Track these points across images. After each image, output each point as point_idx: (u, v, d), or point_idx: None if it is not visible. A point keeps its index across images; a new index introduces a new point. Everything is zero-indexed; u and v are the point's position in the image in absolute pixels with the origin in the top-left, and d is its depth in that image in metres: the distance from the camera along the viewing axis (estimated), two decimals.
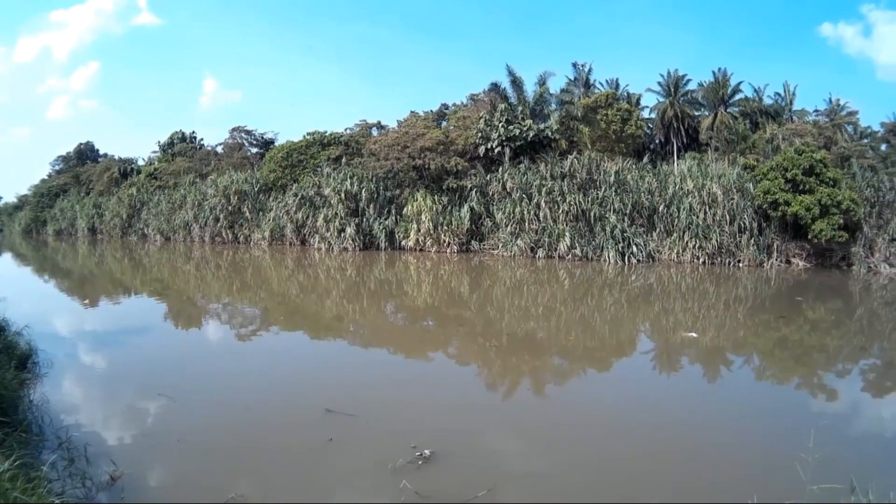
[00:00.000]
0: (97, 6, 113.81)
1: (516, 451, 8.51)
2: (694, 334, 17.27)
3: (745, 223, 28.90)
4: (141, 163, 58.59)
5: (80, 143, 74.74)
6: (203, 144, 53.94)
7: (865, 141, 40.23)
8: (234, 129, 47.15)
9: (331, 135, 38.69)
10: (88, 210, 59.02)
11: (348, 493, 7.05)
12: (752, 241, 28.75)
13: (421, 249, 31.99)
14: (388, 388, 11.19)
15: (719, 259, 28.70)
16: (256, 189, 39.69)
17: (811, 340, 18.16)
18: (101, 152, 73.21)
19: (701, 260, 28.63)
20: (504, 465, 7.89)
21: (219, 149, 49.22)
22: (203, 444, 8.26)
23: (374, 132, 39.99)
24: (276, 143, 44.89)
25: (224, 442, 8.33)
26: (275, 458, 7.82)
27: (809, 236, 28.11)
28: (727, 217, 29.02)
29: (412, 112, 40.97)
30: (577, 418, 10.12)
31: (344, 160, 36.20)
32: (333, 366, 13.00)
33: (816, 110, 47.26)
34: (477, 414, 10.05)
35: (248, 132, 47.33)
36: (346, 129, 40.99)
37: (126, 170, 57.90)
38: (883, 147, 38.94)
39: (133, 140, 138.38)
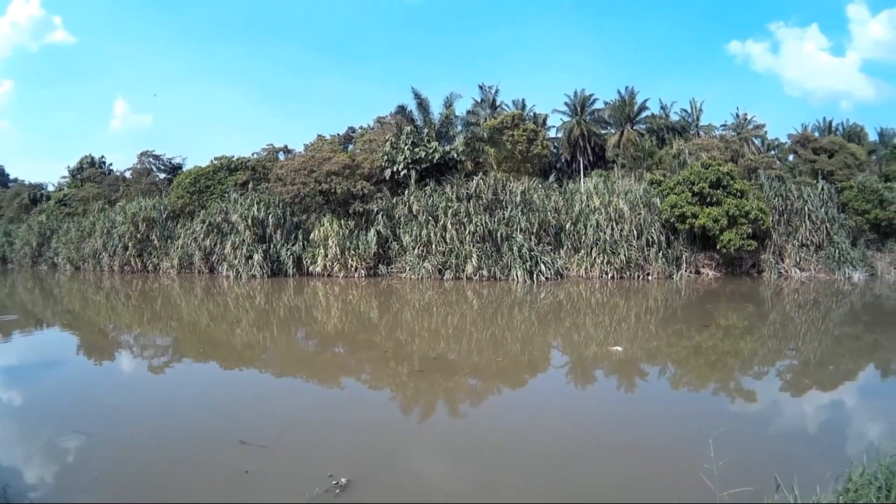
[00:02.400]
0: (12, 19, 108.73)
1: (432, 474, 8.33)
2: (619, 348, 17.12)
3: (652, 237, 29.10)
4: (51, 188, 55.79)
5: None
6: (112, 170, 51.56)
7: (773, 153, 41.31)
8: (142, 154, 45.31)
9: (238, 159, 37.34)
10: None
11: None
12: (661, 253, 28.97)
13: (329, 275, 31.04)
14: (301, 416, 10.90)
15: (628, 273, 28.80)
16: (164, 216, 38.02)
17: (725, 346, 18.14)
18: (11, 177, 69.72)
19: (610, 275, 28.66)
20: (421, 488, 7.76)
21: (127, 174, 47.29)
22: (121, 482, 7.93)
23: (281, 156, 38.97)
24: (184, 169, 43.35)
25: (142, 478, 7.99)
26: (193, 493, 7.49)
27: (718, 246, 28.51)
28: (634, 232, 29.17)
29: (319, 136, 40.21)
30: (491, 437, 9.96)
31: (251, 185, 34.99)
32: (246, 396, 12.54)
33: (724, 125, 48.58)
34: (391, 439, 9.78)
35: (157, 157, 45.55)
36: (253, 154, 39.85)
37: (36, 196, 55.05)
38: (790, 158, 40.02)
39: (43, 164, 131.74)
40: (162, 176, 45.68)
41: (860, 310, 24.79)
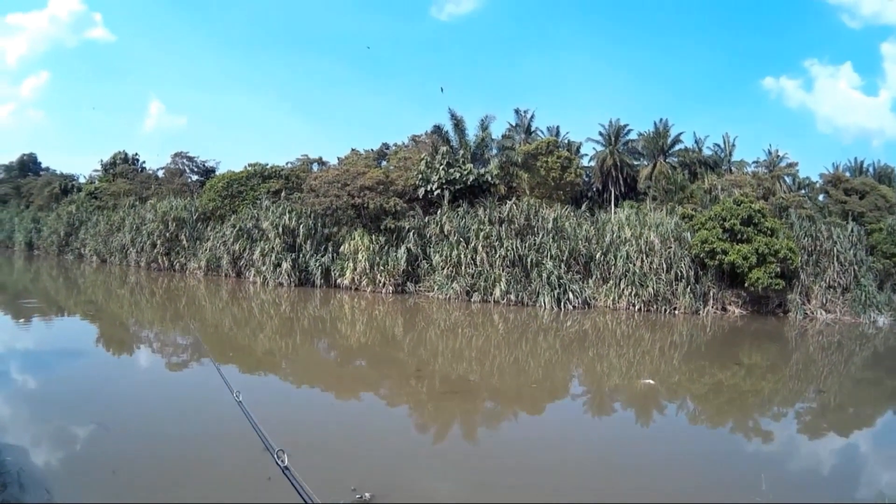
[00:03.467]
0: (53, 13, 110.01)
1: (452, 496, 8.41)
2: (651, 381, 17.14)
3: (681, 271, 28.95)
4: (82, 180, 56.62)
5: (24, 154, 71.81)
6: (145, 167, 52.24)
7: (803, 192, 41.00)
8: (176, 155, 45.87)
9: (272, 167, 37.61)
10: (27, 224, 56.79)
11: None
12: (689, 288, 28.80)
13: (356, 288, 31.14)
14: (322, 427, 11.02)
15: (655, 306, 28.65)
16: (195, 217, 38.35)
17: (747, 385, 18.23)
18: (43, 165, 70.64)
19: (637, 307, 28.54)
20: None
21: (160, 173, 47.80)
22: (137, 479, 7.99)
23: (315, 168, 39.29)
24: (217, 172, 43.68)
25: (159, 477, 8.11)
26: (215, 495, 7.61)
27: (746, 284, 28.30)
28: (664, 265, 29.03)
29: (353, 150, 40.44)
30: (511, 461, 10.13)
31: (283, 194, 35.22)
32: (266, 402, 12.53)
33: (756, 161, 48.19)
34: (412, 457, 9.97)
35: (190, 158, 46.04)
36: (287, 163, 40.24)
37: (67, 186, 55.86)
38: (821, 197, 39.75)
39: (75, 156, 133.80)
40: (194, 178, 46.14)
41: (883, 354, 24.66)
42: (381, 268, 30.45)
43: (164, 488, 7.90)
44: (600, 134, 48.69)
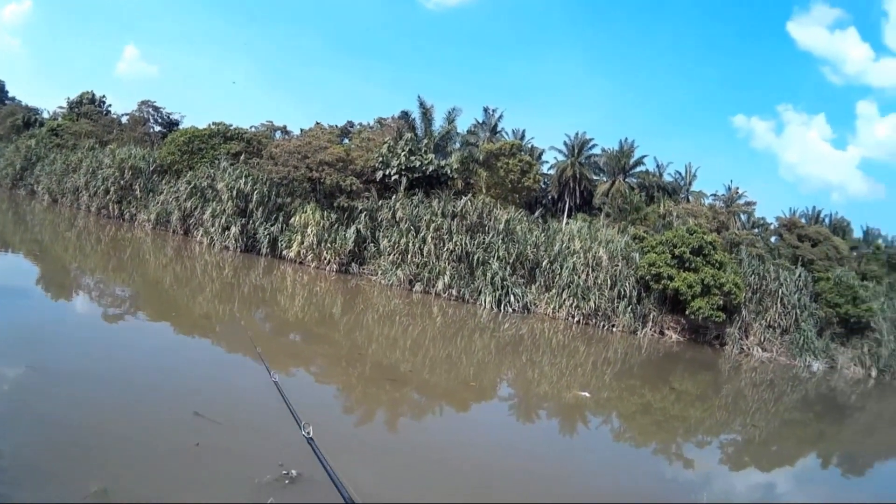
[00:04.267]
0: None
1: (379, 480, 8.32)
2: (587, 394, 17.14)
3: (625, 290, 29.13)
4: (46, 116, 54.91)
5: None
6: (110, 111, 51.03)
7: (757, 231, 41.78)
8: (142, 103, 44.68)
9: (235, 129, 36.69)
10: None
11: (210, 501, 6.77)
12: (630, 308, 28.99)
13: (301, 262, 30.62)
14: (253, 398, 10.68)
15: (594, 321, 28.78)
16: (151, 168, 37.21)
17: (675, 410, 18.39)
18: (10, 94, 68.12)
19: (576, 319, 28.62)
20: (367, 495, 7.62)
21: (124, 119, 46.60)
22: (66, 433, 7.73)
23: (278, 135, 38.68)
24: (181, 126, 42.82)
25: (87, 432, 7.83)
26: (142, 456, 7.37)
27: (687, 311, 28.57)
28: (608, 282, 29.18)
29: (318, 123, 39.88)
30: (434, 454, 10.16)
31: (243, 157, 34.41)
32: (199, 366, 12.50)
33: (714, 194, 49.17)
34: (337, 438, 9.63)
35: (156, 109, 44.90)
36: (251, 127, 39.38)
37: (30, 119, 53.91)
38: (773, 239, 40.44)
39: (44, 90, 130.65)
40: (157, 129, 45.05)
41: (813, 398, 25.16)
42: (329, 245, 30.03)
43: (89, 447, 7.60)
44: (564, 144, 49.20)
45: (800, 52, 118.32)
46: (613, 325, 28.92)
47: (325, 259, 30.17)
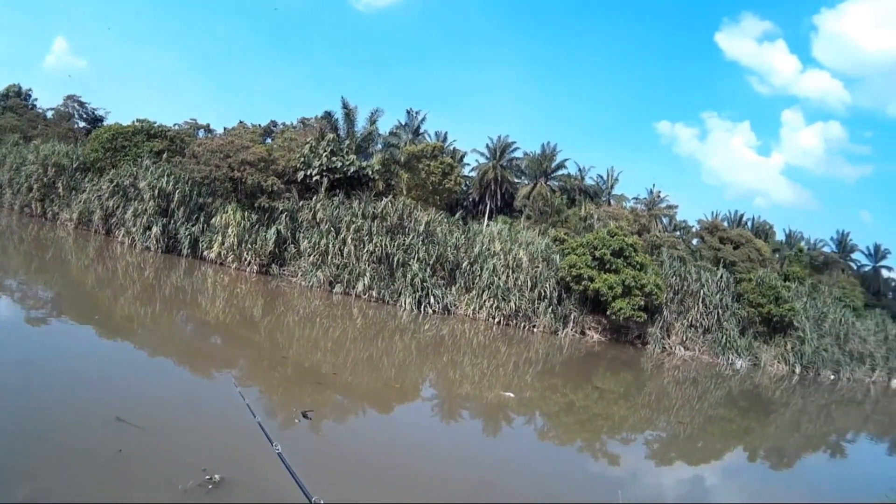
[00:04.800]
0: None
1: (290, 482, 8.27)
2: (511, 394, 17.34)
3: (545, 291, 29.59)
4: None
5: None
6: (36, 105, 49.75)
7: (679, 233, 42.81)
8: (68, 97, 43.60)
9: (159, 126, 35.94)
10: None
11: None
12: (551, 308, 29.47)
13: (221, 263, 30.25)
14: (175, 402, 10.66)
15: (515, 321, 29.17)
16: (75, 166, 36.43)
17: (598, 408, 18.75)
18: None
19: (497, 320, 28.96)
20: (290, 497, 7.72)
21: (49, 114, 45.47)
22: None
23: (201, 134, 38.21)
24: (105, 123, 41.89)
25: (7, 438, 7.71)
26: (65, 462, 7.19)
27: (608, 312, 29.14)
28: (529, 283, 29.60)
29: (241, 122, 39.40)
30: (356, 456, 10.19)
31: (166, 156, 33.80)
32: (121, 370, 12.26)
33: (636, 198, 50.08)
34: (261, 442, 9.71)
35: (82, 104, 43.85)
36: (174, 125, 38.86)
37: None
38: (695, 241, 41.49)
39: None
40: (82, 124, 43.97)
41: (738, 395, 25.95)
42: (249, 246, 29.78)
43: (9, 452, 7.53)
44: (487, 147, 49.74)
45: (727, 62, 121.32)
46: (534, 326, 29.35)
47: (245, 260, 29.92)
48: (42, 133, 41.57)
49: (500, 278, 29.39)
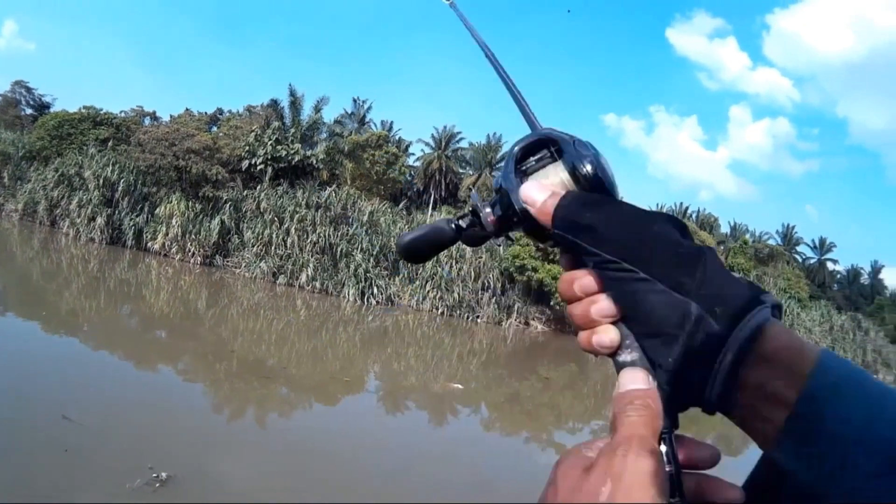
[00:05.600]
0: None
1: (248, 478, 8.24)
2: (459, 386, 17.26)
3: (489, 282, 29.43)
4: None
5: None
6: None
7: None
8: (15, 83, 42.39)
9: (105, 114, 35.18)
10: None
11: None
12: (494, 299, 29.37)
13: (165, 255, 29.84)
14: (120, 399, 10.45)
15: (458, 312, 29.01)
16: (21, 155, 35.91)
17: (544, 398, 18.70)
18: None
19: (440, 310, 28.79)
20: (239, 493, 7.71)
21: None
22: None
23: (147, 122, 37.50)
24: (52, 110, 40.87)
25: None
26: (6, 462, 7.05)
27: (552, 303, 29.07)
28: (472, 273, 29.51)
29: (187, 110, 38.60)
30: (306, 448, 10.11)
31: (111, 144, 33.19)
32: (67, 366, 12.00)
33: None
34: (208, 437, 9.64)
35: (29, 90, 42.76)
36: (121, 112, 37.99)
37: None
38: None
39: None
40: (29, 111, 43.03)
41: None
42: (193, 237, 29.33)
43: None
44: (432, 137, 49.15)
45: (676, 57, 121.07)
46: (478, 317, 29.25)
47: (189, 251, 29.50)
48: None
49: (442, 268, 29.18)
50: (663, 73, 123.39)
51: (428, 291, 28.86)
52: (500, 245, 29.85)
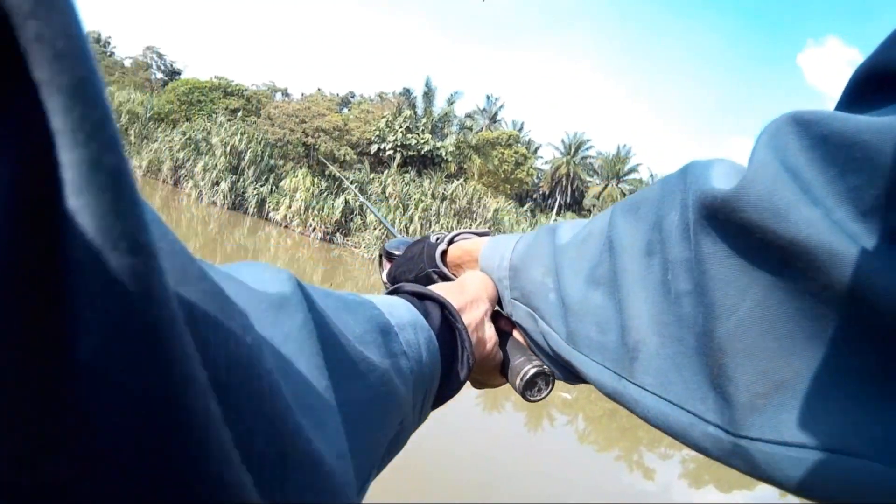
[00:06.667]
0: None
1: None
2: (568, 395, 17.11)
3: None
4: None
5: None
6: (114, 52, 50.42)
7: None
8: (147, 48, 44.05)
9: (236, 85, 36.07)
10: None
11: None
12: None
13: (286, 226, 30.35)
14: None
15: None
16: (148, 115, 37.06)
17: (638, 419, 18.38)
18: None
19: None
20: None
21: (127, 62, 46.07)
22: None
23: (278, 97, 38.30)
24: (182, 76, 42.43)
25: None
26: None
27: None
28: None
29: (319, 90, 39.30)
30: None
31: (240, 115, 34.12)
32: None
33: None
34: None
35: (160, 55, 44.29)
36: (252, 85, 38.93)
37: None
38: None
39: None
40: (159, 76, 44.38)
41: None
42: (316, 212, 29.75)
43: None
44: (562, 142, 48.38)
45: (806, 86, 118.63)
46: None
47: (310, 226, 29.84)
48: (118, 80, 42.05)
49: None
50: (793, 100, 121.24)
51: None
52: None
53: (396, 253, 1.04)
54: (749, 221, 0.35)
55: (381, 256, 1.11)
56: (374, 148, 31.00)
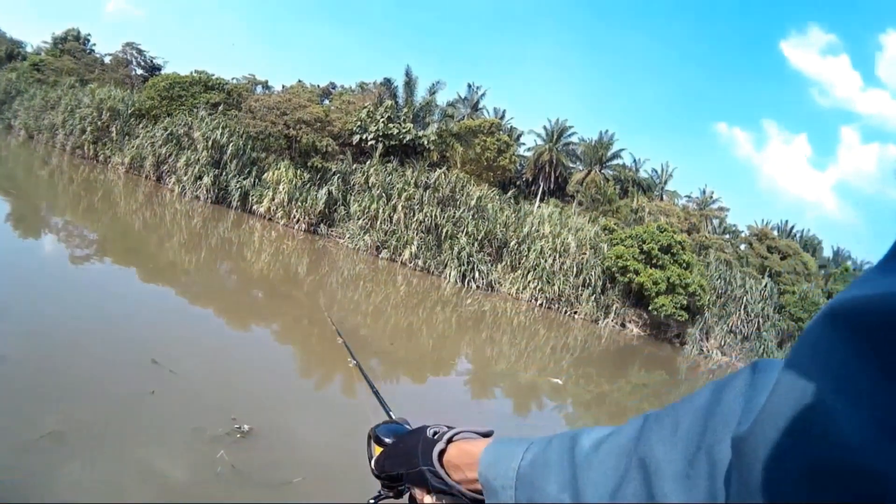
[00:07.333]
0: None
1: (328, 443, 8.14)
2: (559, 381, 17.06)
3: (590, 279, 29.03)
4: (29, 49, 53.56)
5: None
6: (94, 50, 49.93)
7: (727, 236, 41.98)
8: (126, 44, 43.57)
9: (216, 79, 35.76)
10: None
11: (164, 450, 6.60)
12: (594, 297, 28.95)
13: (270, 219, 30.11)
14: (211, 351, 10.50)
15: (557, 305, 28.70)
16: (129, 111, 36.64)
17: (629, 403, 18.35)
18: None
19: (539, 302, 28.51)
20: (316, 455, 7.67)
21: (107, 59, 45.64)
22: (20, 374, 7.33)
23: (259, 90, 38.02)
24: (163, 72, 42.06)
25: (42, 374, 7.37)
26: (95, 399, 7.00)
27: (650, 307, 28.47)
28: (574, 269, 29.06)
29: (300, 81, 39.00)
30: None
31: (221, 108, 33.80)
32: (161, 314, 12.10)
33: (688, 196, 48.91)
34: (295, 398, 9.71)
35: (140, 52, 43.82)
36: (232, 79, 38.59)
37: (12, 52, 52.41)
38: (743, 247, 40.64)
39: (29, 23, 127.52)
40: (139, 72, 44.07)
41: None
42: (299, 204, 29.58)
43: (44, 387, 7.20)
44: (544, 128, 48.70)
45: (791, 70, 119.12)
46: (576, 312, 28.90)
47: (294, 217, 29.74)
48: (99, 77, 41.68)
49: (546, 261, 28.88)
50: (777, 87, 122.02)
51: (529, 281, 28.61)
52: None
53: (387, 441, 1.03)
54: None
55: (369, 438, 1.09)
56: (356, 138, 30.90)
